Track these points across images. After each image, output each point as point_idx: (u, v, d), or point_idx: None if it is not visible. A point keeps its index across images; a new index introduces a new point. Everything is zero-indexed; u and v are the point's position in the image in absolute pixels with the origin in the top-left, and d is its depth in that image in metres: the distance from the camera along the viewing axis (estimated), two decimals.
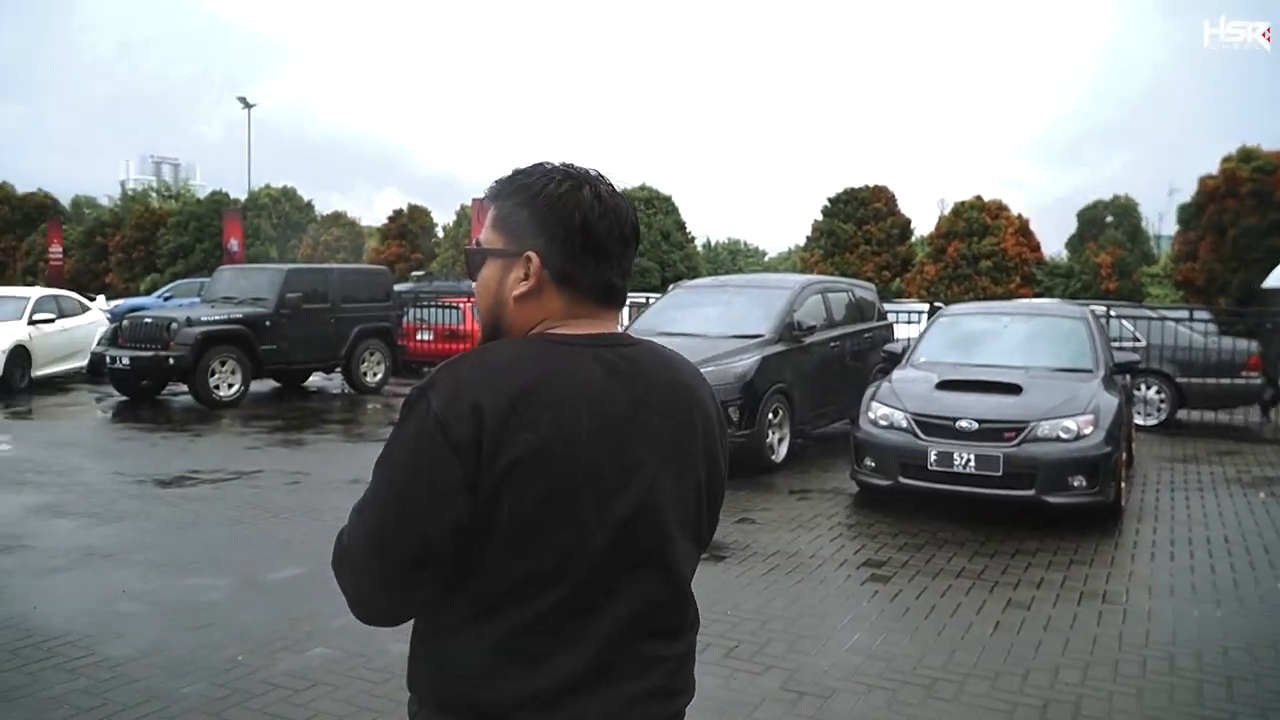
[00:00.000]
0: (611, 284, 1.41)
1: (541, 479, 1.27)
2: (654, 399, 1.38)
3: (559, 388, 1.30)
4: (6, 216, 39.12)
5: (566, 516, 1.29)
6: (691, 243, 31.49)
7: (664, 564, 1.37)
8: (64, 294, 15.86)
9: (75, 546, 5.72)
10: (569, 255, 1.37)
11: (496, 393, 1.27)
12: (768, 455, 8.58)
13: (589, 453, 1.30)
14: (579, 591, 1.31)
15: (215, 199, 36.21)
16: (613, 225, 1.39)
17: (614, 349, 1.38)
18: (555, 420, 1.28)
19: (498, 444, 1.25)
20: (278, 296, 12.89)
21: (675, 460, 1.39)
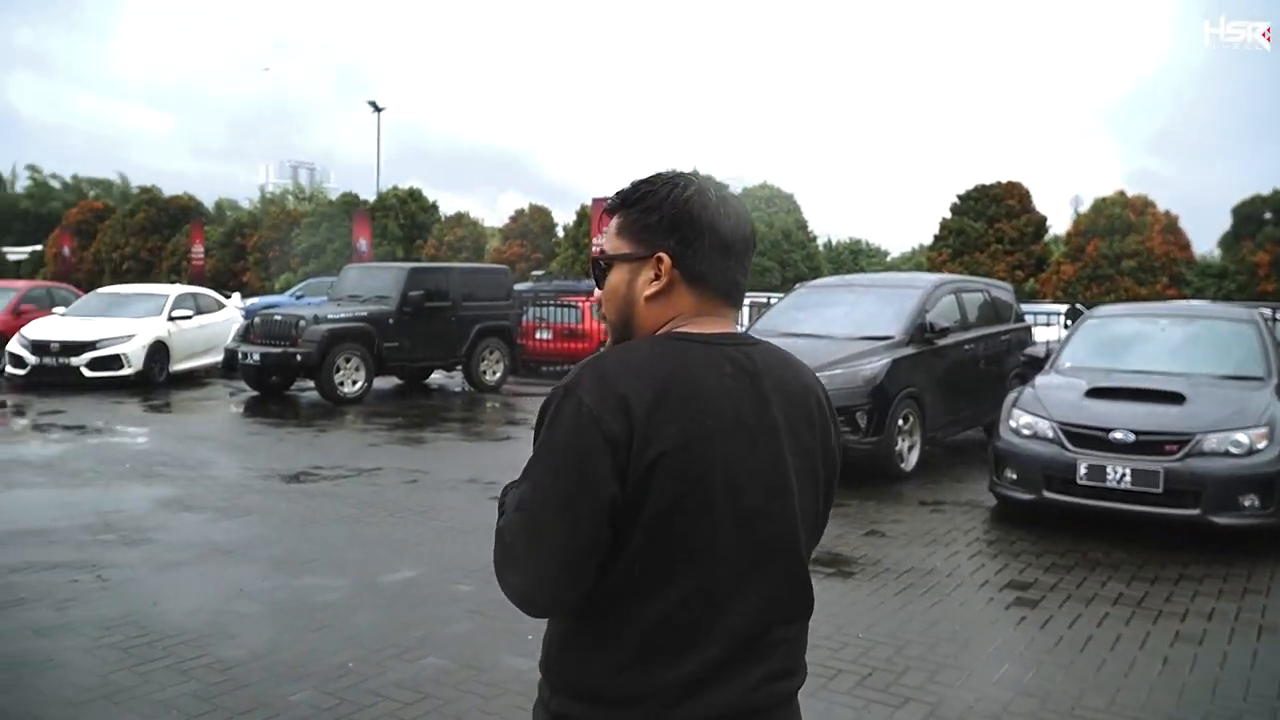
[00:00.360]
0: (736, 282, 1.48)
1: (685, 471, 1.32)
2: (778, 396, 1.43)
3: (697, 383, 1.35)
4: (154, 218, 41.20)
5: (703, 510, 1.33)
6: (813, 242, 30.84)
7: (790, 554, 1.44)
8: (201, 292, 16.49)
9: (199, 541, 5.76)
10: (699, 255, 1.44)
11: (641, 387, 1.32)
12: (896, 463, 8.14)
13: (725, 447, 1.35)
14: (713, 582, 1.35)
15: (346, 200, 37.34)
16: (736, 225, 1.47)
17: (740, 348, 1.44)
18: (696, 415, 1.33)
19: (644, 439, 1.30)
20: (400, 295, 13.04)
21: (798, 455, 1.44)
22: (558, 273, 27.90)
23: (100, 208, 45.16)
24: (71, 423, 10.43)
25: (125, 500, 6.79)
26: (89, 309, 14.99)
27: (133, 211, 42.24)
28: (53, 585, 4.85)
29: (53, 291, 17.27)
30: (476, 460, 8.76)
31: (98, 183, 60.41)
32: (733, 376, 1.39)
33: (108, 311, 14.67)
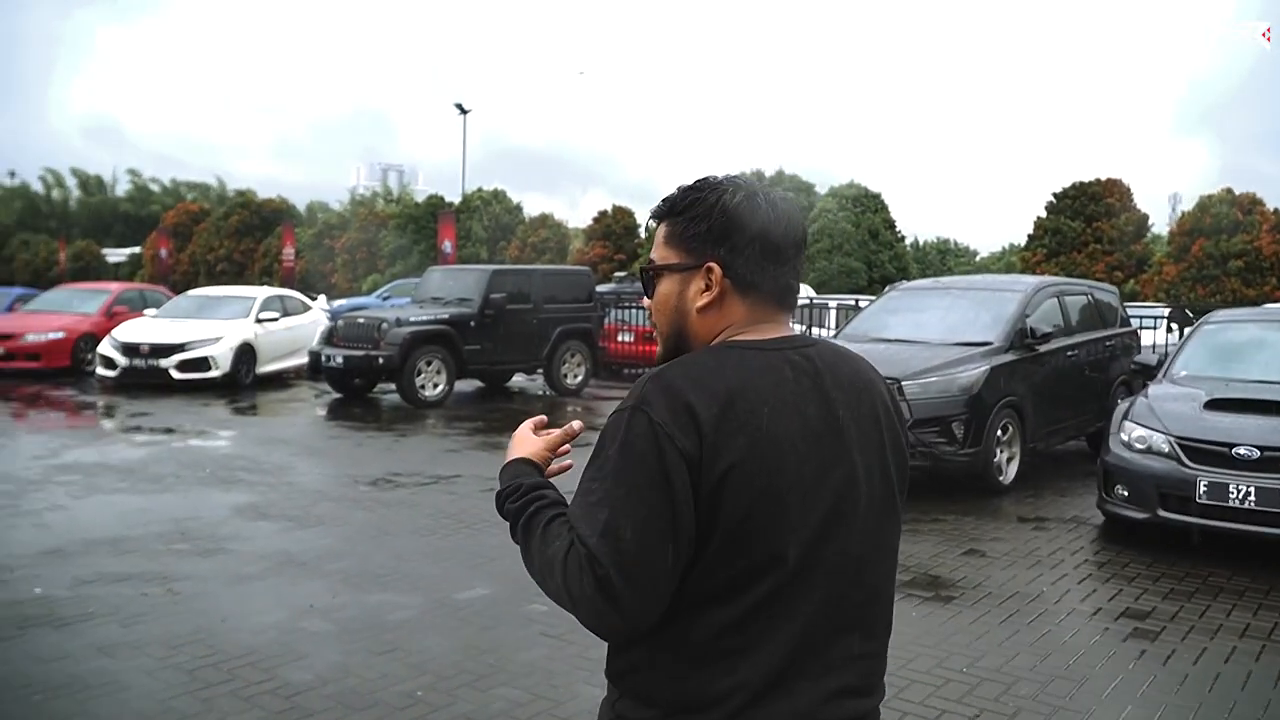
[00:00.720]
0: (790, 286, 1.45)
1: (755, 481, 1.29)
2: (840, 395, 1.40)
3: (761, 390, 1.33)
4: (247, 221, 42.27)
5: (775, 517, 1.31)
6: (901, 242, 30.06)
7: (858, 560, 1.39)
8: (288, 294, 16.70)
9: (273, 552, 5.67)
10: (750, 262, 1.41)
11: (707, 399, 1.30)
12: (995, 476, 7.69)
13: (793, 452, 1.32)
14: (783, 588, 1.32)
15: (432, 202, 37.75)
16: (788, 230, 1.43)
17: (798, 350, 1.42)
18: (762, 424, 1.31)
19: (714, 451, 1.28)
20: (482, 297, 12.96)
21: (868, 453, 1.41)
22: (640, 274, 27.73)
23: (196, 210, 46.53)
24: (157, 425, 10.57)
25: (202, 507, 6.76)
26: (179, 311, 15.29)
27: (227, 214, 43.43)
28: (122, 599, 4.78)
29: (145, 294, 17.70)
30: None
31: (195, 186, 62.38)
32: (794, 380, 1.38)
33: (197, 314, 14.94)
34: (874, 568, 1.42)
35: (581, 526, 1.33)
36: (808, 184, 31.12)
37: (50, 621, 4.45)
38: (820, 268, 27.55)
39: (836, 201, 28.86)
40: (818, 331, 13.99)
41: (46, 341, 15.11)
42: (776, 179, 30.68)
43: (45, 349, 15.06)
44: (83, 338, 15.33)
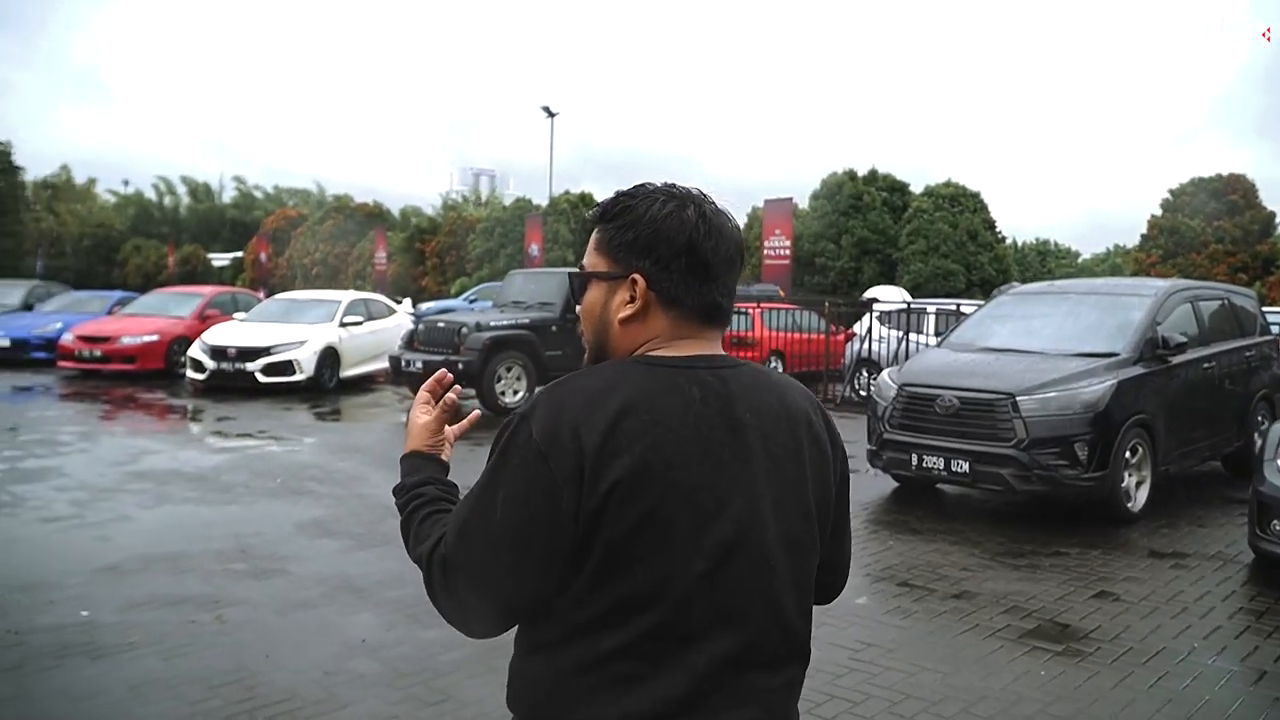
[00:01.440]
0: (717, 304, 1.40)
1: (638, 503, 1.25)
2: (755, 421, 1.34)
3: (656, 409, 1.28)
4: (341, 225, 43.03)
5: (663, 541, 1.26)
6: (1001, 243, 28.78)
7: (766, 593, 1.33)
8: (373, 297, 16.62)
9: (331, 574, 5.30)
10: (675, 277, 1.36)
11: (595, 415, 1.26)
12: (1123, 503, 6.92)
13: (685, 476, 1.27)
14: (675, 618, 1.27)
15: (519, 205, 37.79)
16: (718, 244, 1.37)
17: (714, 370, 1.36)
18: (652, 443, 1.26)
19: (596, 469, 1.24)
20: (564, 301, 12.56)
21: (779, 485, 1.35)
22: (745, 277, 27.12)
23: (295, 215, 47.59)
24: (237, 430, 10.44)
25: (267, 521, 6.46)
26: (266, 315, 15.31)
27: (323, 219, 44.27)
28: (169, 627, 4.44)
29: (237, 297, 17.85)
30: None
31: (296, 192, 64.06)
32: (701, 401, 1.31)
33: (284, 317, 14.92)
34: (784, 601, 1.36)
35: (451, 522, 1.34)
36: (902, 183, 29.99)
37: (89, 651, 4.13)
38: (915, 270, 26.52)
39: (932, 201, 27.74)
40: (915, 338, 13.21)
41: (141, 344, 15.28)
42: (869, 178, 29.67)
43: (140, 352, 15.23)
44: (176, 341, 15.46)
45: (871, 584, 5.48)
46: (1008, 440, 6.77)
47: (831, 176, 29.61)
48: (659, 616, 1.27)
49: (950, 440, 7.01)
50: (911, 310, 13.62)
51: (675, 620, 1.27)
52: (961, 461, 6.92)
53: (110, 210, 61.92)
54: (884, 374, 7.90)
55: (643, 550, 1.26)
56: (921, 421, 7.17)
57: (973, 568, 5.79)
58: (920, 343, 13.05)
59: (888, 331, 13.87)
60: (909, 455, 7.16)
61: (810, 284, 27.98)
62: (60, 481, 7.56)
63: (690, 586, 1.27)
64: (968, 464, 6.89)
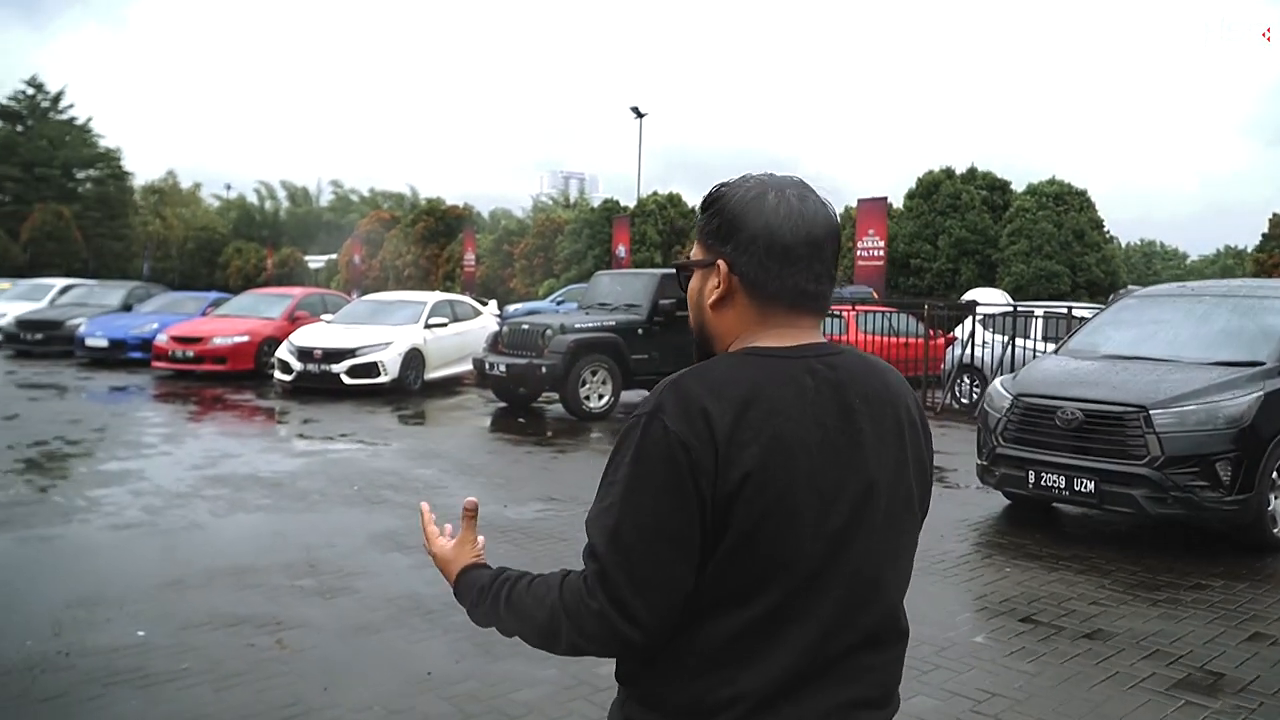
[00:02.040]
0: (802, 289, 1.38)
1: (768, 491, 1.27)
2: (863, 406, 1.36)
3: (777, 399, 1.30)
4: (432, 227, 43.55)
5: (788, 527, 1.29)
6: (1109, 243, 27.37)
7: (875, 573, 1.36)
8: (458, 299, 16.49)
9: (400, 594, 4.98)
10: (754, 261, 1.36)
11: (722, 406, 1.27)
12: (1268, 530, 6.20)
13: (808, 463, 1.30)
14: (793, 598, 1.30)
15: (607, 207, 37.60)
16: (798, 227, 1.37)
17: (822, 358, 1.37)
18: (778, 431, 1.28)
19: (729, 458, 1.26)
20: (651, 303, 12.17)
21: (888, 468, 1.37)
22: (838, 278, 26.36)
23: (387, 218, 48.32)
24: (319, 433, 10.31)
25: (339, 532, 6.20)
26: (353, 316, 15.28)
27: (414, 221, 44.82)
28: (225, 651, 4.16)
29: (325, 298, 17.93)
30: None
31: (391, 196, 65.30)
32: (815, 390, 1.33)
33: (370, 319, 14.86)
34: (889, 581, 1.39)
35: (594, 534, 1.32)
36: (1003, 180, 28.75)
37: (138, 679, 3.86)
38: (1017, 272, 25.38)
39: (1035, 200, 26.51)
40: (1022, 344, 12.44)
41: (232, 345, 15.41)
42: (968, 176, 28.56)
43: (230, 352, 15.36)
44: (266, 341, 15.55)
45: (990, 619, 4.92)
46: (1139, 458, 6.11)
47: (928, 175, 28.60)
48: (778, 598, 1.29)
49: (1073, 457, 6.37)
50: (1018, 313, 12.83)
51: (793, 602, 1.30)
52: (1086, 480, 6.28)
53: (213, 214, 63.99)
54: (996, 383, 7.28)
55: (767, 536, 1.28)
56: (1040, 435, 6.54)
57: (1104, 601, 5.18)
58: (1027, 348, 12.28)
59: (991, 336, 13.10)
60: (1025, 472, 6.54)
61: (905, 286, 27.06)
62: (138, 485, 7.45)
63: (809, 569, 1.30)
64: (1093, 483, 6.24)
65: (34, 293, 22.64)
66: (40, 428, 10.14)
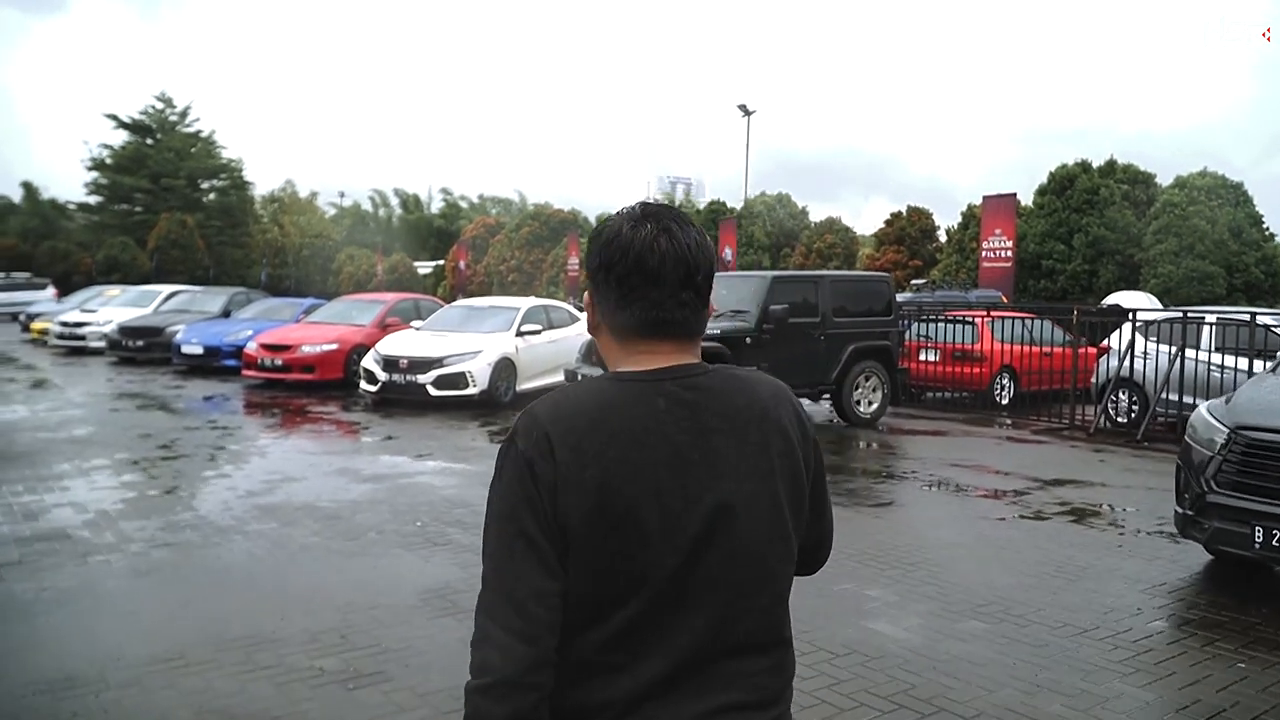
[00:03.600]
0: (660, 318, 1.43)
1: (611, 509, 1.32)
2: (721, 423, 1.41)
3: (621, 420, 1.36)
4: (537, 232, 43.06)
5: (634, 542, 1.33)
6: (1270, 241, 24.71)
7: (739, 582, 1.40)
8: (554, 304, 15.53)
9: (439, 688, 3.89)
10: (608, 291, 1.44)
11: (565, 428, 1.34)
12: None
13: (654, 480, 1.35)
14: (656, 609, 1.34)
15: (713, 209, 36.41)
16: (644, 258, 1.41)
17: (681, 380, 1.42)
18: (621, 453, 1.34)
19: (567, 479, 1.32)
20: (761, 309, 10.93)
21: (753, 479, 1.41)
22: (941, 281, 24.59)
23: (493, 223, 48.17)
24: (395, 452, 9.41)
25: (388, 586, 5.18)
26: (443, 323, 14.48)
27: (519, 226, 44.48)
28: None
29: (419, 303, 17.21)
30: (855, 530, 6.34)
31: (499, 201, 65.54)
32: (666, 410, 1.38)
33: (460, 326, 14.03)
34: (758, 589, 1.42)
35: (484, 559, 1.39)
36: (1146, 174, 26.33)
37: None
38: (1164, 273, 23.10)
39: (1185, 194, 24.09)
40: (1192, 355, 10.73)
41: (320, 354, 14.79)
42: (1106, 169, 26.25)
43: (319, 361, 14.75)
44: (355, 349, 14.89)
45: None
46: None
47: (1061, 169, 26.41)
48: (641, 608, 1.33)
49: None
50: (1186, 320, 11.10)
51: (652, 612, 1.34)
52: None
53: (328, 222, 65.24)
54: (1202, 410, 5.80)
55: (618, 550, 1.33)
56: (1272, 482, 5.08)
57: None
58: (1200, 361, 10.58)
59: (1155, 346, 11.39)
60: (1249, 528, 5.07)
61: (1035, 289, 25.03)
62: (180, 516, 6.62)
63: (665, 580, 1.34)
64: None
65: (141, 299, 22.74)
66: (107, 444, 9.53)
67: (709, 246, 1.46)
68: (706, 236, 1.47)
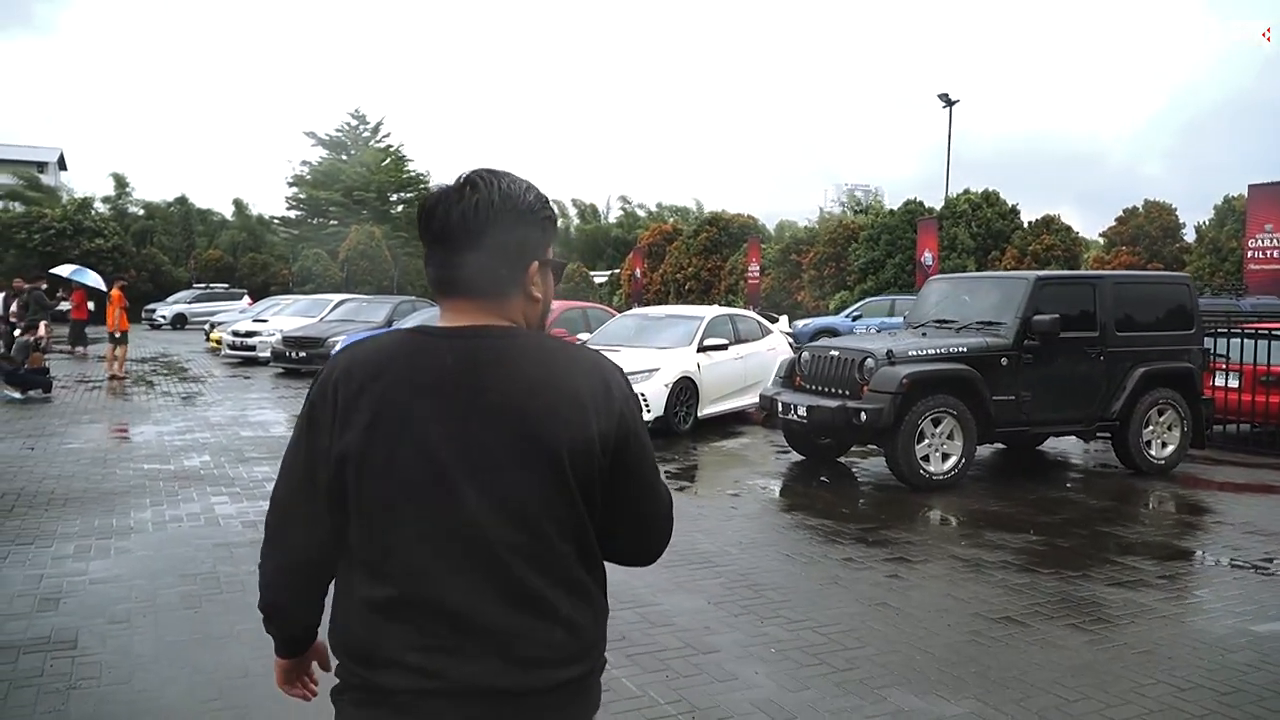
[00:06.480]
0: (437, 276, 1.53)
1: (370, 454, 1.41)
2: (500, 384, 1.43)
3: (400, 370, 1.44)
4: (714, 238, 41.00)
5: (398, 494, 1.41)
6: None
7: (509, 542, 1.42)
8: (742, 314, 13.29)
9: None
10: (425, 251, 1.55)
11: (354, 373, 1.46)
12: None
13: (417, 430, 1.41)
14: (415, 561, 1.41)
15: (908, 209, 33.28)
16: (430, 218, 1.51)
17: (475, 339, 1.47)
18: (387, 400, 1.43)
19: (343, 421, 1.43)
20: (1020, 319, 8.34)
21: (524, 443, 1.42)
22: (1218, 285, 20.80)
23: (669, 230, 46.48)
24: None
25: None
26: (614, 336, 12.48)
27: (696, 232, 42.61)
28: None
29: (587, 312, 15.32)
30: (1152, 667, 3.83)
31: (676, 210, 64.06)
32: (450, 367, 1.43)
33: (633, 340, 12.00)
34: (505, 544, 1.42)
35: None
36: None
37: None
38: None
39: None
40: None
41: None
42: None
43: None
44: None
45: None
46: None
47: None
48: (398, 561, 1.43)
49: None
50: None
51: (410, 564, 1.42)
52: None
53: None
54: None
55: (377, 502, 1.43)
56: None
57: None
58: None
59: None
60: None
61: None
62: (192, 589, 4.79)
63: (421, 538, 1.42)
64: None
65: (311, 308, 22.09)
66: (214, 481, 8.00)
67: (517, 205, 1.50)
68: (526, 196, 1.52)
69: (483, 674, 1.38)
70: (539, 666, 1.41)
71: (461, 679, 1.37)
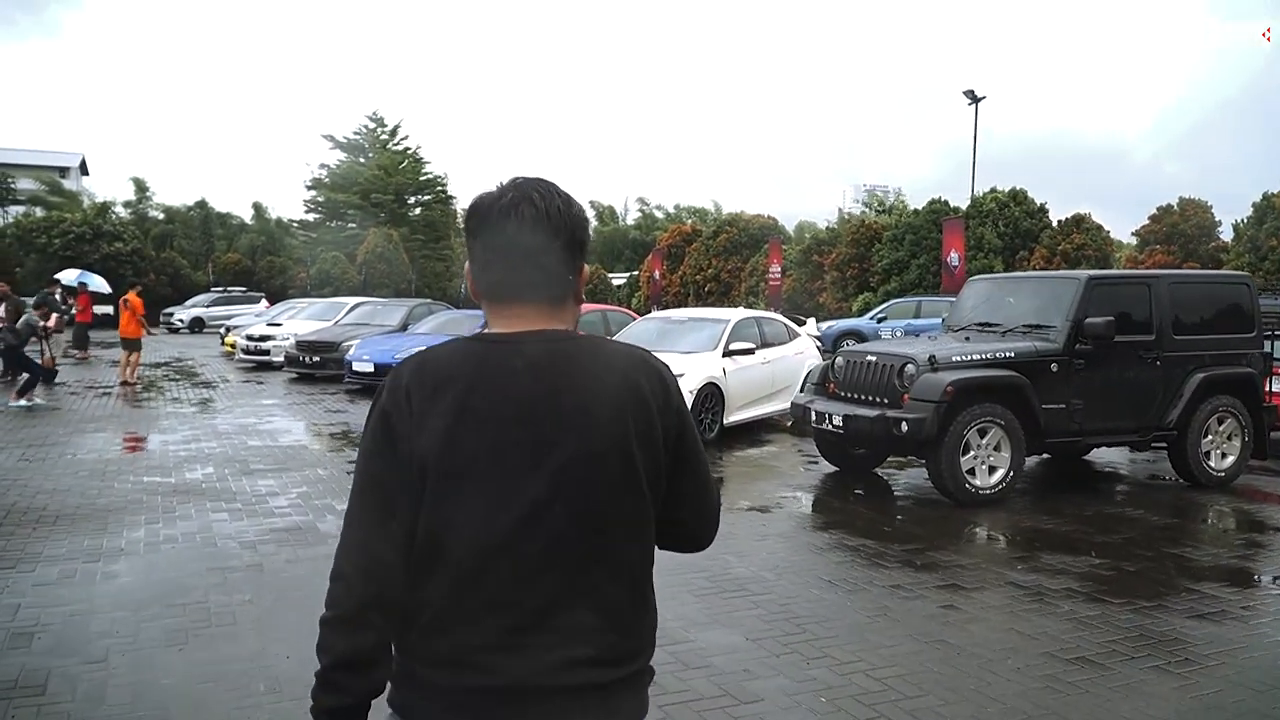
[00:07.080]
0: (497, 281, 1.52)
1: (450, 459, 1.40)
2: (573, 386, 1.45)
3: (477, 378, 1.44)
4: (734, 239, 40.42)
5: (474, 495, 1.41)
6: None
7: (580, 542, 1.44)
8: (767, 316, 12.77)
9: None
10: (474, 258, 1.54)
11: (426, 380, 1.45)
12: None
13: (499, 434, 1.42)
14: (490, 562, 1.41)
15: (933, 209, 32.62)
16: (480, 225, 1.51)
17: (541, 344, 1.48)
18: (464, 406, 1.42)
19: (419, 427, 1.42)
20: (1071, 322, 7.80)
21: (600, 440, 1.44)
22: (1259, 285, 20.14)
23: (689, 232, 45.95)
24: None
25: None
26: (636, 340, 11.97)
27: (715, 234, 42.08)
28: None
29: (608, 315, 14.87)
30: None
31: (695, 211, 63.55)
32: (522, 369, 1.44)
33: (655, 344, 11.49)
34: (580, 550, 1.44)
35: None
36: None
37: None
38: None
39: None
40: None
41: None
42: None
43: None
44: None
45: None
46: None
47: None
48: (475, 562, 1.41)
49: None
50: None
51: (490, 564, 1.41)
52: None
53: None
54: None
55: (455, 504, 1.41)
56: None
57: None
58: None
59: None
60: None
61: None
62: None
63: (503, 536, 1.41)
64: None
65: (326, 312, 21.70)
66: (214, 496, 7.56)
67: (574, 215, 1.52)
68: (577, 205, 1.54)
69: (558, 670, 1.40)
70: (611, 664, 1.44)
71: (533, 675, 1.39)
